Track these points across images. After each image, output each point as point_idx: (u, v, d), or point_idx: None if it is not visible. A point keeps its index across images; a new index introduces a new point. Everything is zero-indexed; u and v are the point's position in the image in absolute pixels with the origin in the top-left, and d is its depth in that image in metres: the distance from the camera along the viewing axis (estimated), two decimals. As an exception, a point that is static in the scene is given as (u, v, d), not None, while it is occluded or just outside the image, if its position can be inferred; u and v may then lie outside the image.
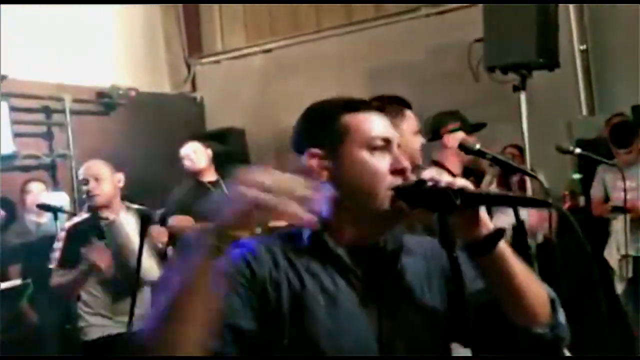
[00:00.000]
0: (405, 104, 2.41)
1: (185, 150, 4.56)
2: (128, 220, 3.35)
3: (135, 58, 6.79)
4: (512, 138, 4.73)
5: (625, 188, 3.90)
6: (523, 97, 4.01)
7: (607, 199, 4.59)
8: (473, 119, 3.04)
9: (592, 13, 5.46)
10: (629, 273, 4.35)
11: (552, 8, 4.10)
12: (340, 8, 6.70)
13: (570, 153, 3.58)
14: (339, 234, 1.25)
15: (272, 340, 1.17)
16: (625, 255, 4.26)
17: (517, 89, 4.02)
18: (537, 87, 4.41)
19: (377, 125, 1.28)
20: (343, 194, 1.22)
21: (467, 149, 2.58)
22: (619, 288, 4.43)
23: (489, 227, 1.19)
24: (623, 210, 4.13)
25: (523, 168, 3.06)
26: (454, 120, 2.93)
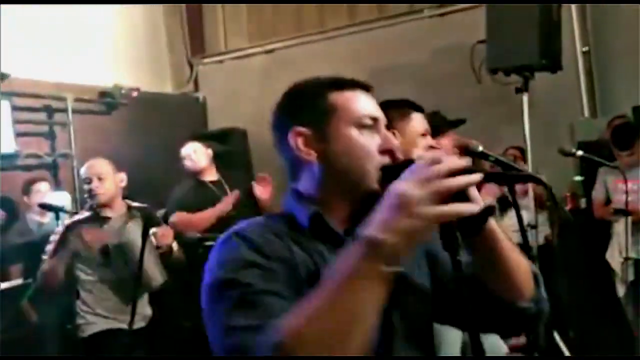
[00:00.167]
0: (415, 107, 2.41)
1: (186, 151, 4.58)
2: (133, 227, 3.35)
3: (138, 58, 6.78)
4: (514, 140, 4.73)
5: (627, 190, 3.89)
6: (525, 98, 4.02)
7: (608, 201, 4.59)
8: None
9: (594, 15, 5.45)
10: (631, 276, 4.34)
11: (554, 10, 4.11)
12: (344, 9, 6.70)
13: (572, 155, 3.58)
14: (334, 215, 1.22)
15: None
16: (627, 258, 4.25)
17: (519, 91, 4.02)
18: (539, 89, 4.41)
19: (364, 104, 1.26)
20: (333, 174, 1.21)
21: (470, 151, 2.58)
22: (621, 291, 4.43)
23: (480, 203, 1.12)
24: (624, 213, 4.12)
25: (525, 172, 3.05)
26: (436, 123, 2.93)
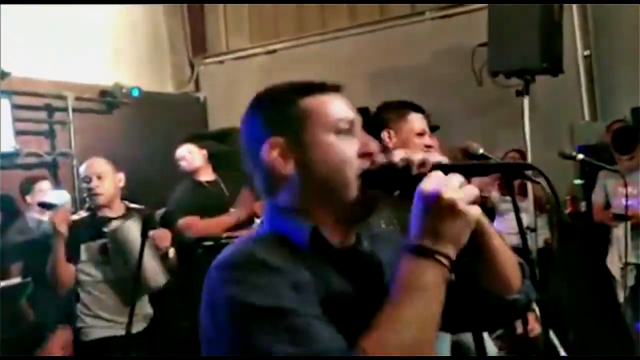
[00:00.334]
0: (414, 107, 2.41)
1: (181, 152, 4.60)
2: (132, 226, 3.33)
3: (139, 58, 6.78)
4: (514, 142, 4.73)
5: (627, 194, 3.89)
6: (526, 101, 4.01)
7: (608, 205, 4.58)
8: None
9: (596, 19, 5.45)
10: (631, 281, 4.34)
11: (556, 14, 4.10)
12: (345, 10, 6.70)
13: (573, 159, 3.57)
14: (322, 225, 1.14)
15: None
16: (627, 263, 4.25)
17: (520, 94, 4.01)
18: (540, 92, 4.41)
19: (339, 107, 1.19)
20: (313, 183, 1.14)
21: (470, 154, 2.58)
22: (621, 296, 4.43)
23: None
24: (624, 218, 4.11)
25: (527, 175, 3.04)
26: None
